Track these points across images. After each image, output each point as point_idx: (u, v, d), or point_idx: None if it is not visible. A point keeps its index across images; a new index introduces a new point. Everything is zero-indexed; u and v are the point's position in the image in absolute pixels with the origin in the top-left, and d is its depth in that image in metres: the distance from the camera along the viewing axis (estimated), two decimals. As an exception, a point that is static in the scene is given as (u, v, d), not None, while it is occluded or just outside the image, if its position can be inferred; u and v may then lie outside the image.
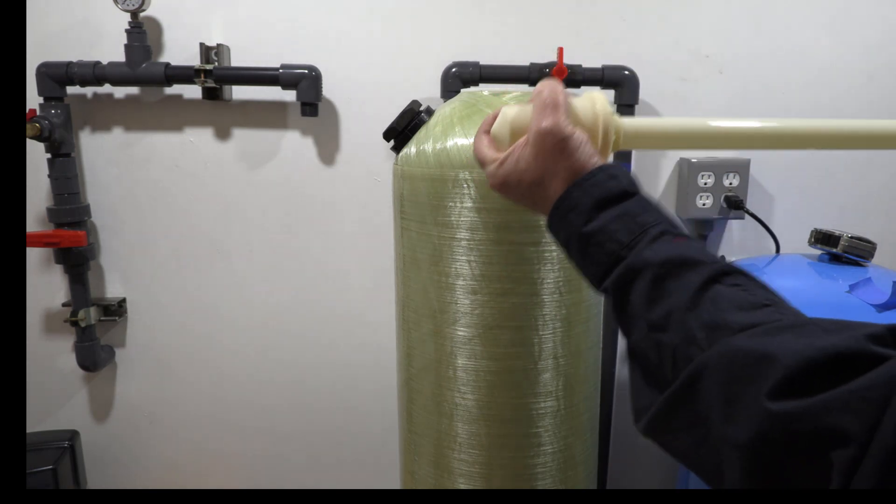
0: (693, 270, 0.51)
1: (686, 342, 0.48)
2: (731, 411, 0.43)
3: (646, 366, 0.53)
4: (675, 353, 0.49)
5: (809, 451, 0.38)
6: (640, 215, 0.56)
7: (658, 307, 0.51)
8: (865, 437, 0.35)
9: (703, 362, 0.46)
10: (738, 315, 0.47)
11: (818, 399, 0.38)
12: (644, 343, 0.52)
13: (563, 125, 0.60)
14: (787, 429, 0.39)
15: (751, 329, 0.45)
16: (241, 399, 1.67)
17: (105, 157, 1.54)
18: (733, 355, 0.44)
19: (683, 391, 0.47)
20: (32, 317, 1.62)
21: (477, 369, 0.96)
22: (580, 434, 1.04)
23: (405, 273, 1.02)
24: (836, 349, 0.40)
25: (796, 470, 0.39)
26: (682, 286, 0.51)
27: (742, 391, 0.42)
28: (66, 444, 1.58)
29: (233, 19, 1.46)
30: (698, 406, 0.46)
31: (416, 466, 1.07)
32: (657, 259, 0.52)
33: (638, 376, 0.54)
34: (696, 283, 0.50)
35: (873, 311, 1.01)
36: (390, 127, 1.01)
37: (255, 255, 1.59)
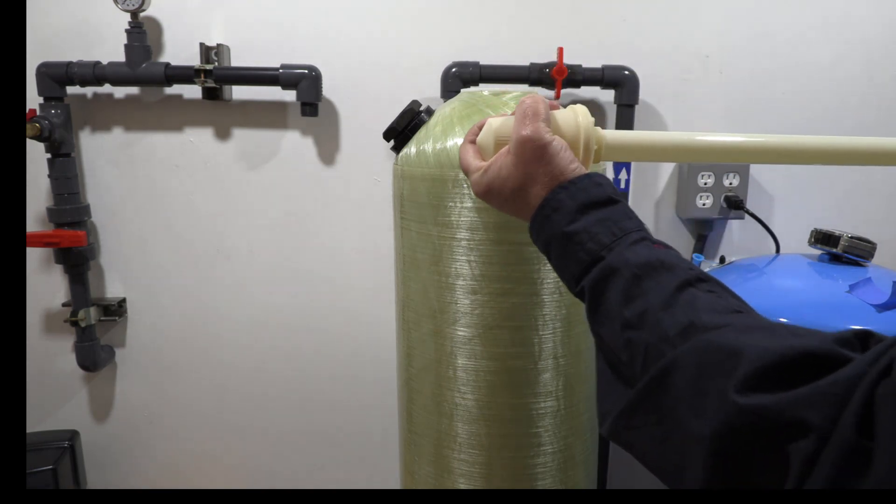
0: (670, 273, 0.53)
1: (659, 340, 0.49)
2: (698, 404, 0.44)
3: (615, 364, 0.54)
4: (646, 350, 0.50)
5: (772, 443, 0.39)
6: (622, 221, 0.58)
7: (633, 305, 0.52)
8: (826, 431, 0.36)
9: (674, 358, 0.47)
10: (711, 316, 0.49)
11: (785, 395, 0.39)
12: (616, 340, 0.53)
13: (543, 132, 0.62)
14: (752, 422, 0.40)
15: (724, 328, 0.47)
16: (241, 399, 1.67)
17: (105, 157, 1.54)
18: (704, 350, 0.46)
19: (653, 385, 0.48)
20: (32, 317, 1.62)
21: (477, 369, 0.96)
22: (580, 434, 1.04)
23: (405, 273, 1.02)
24: (805, 348, 0.41)
25: (758, 463, 0.40)
26: (659, 287, 0.52)
27: (710, 385, 0.43)
28: (66, 444, 1.58)
29: (233, 19, 1.46)
30: (666, 400, 0.47)
31: (416, 466, 1.07)
32: (636, 260, 0.54)
33: (605, 377, 0.55)
34: (673, 284, 0.52)
35: (873, 311, 1.01)
36: (390, 127, 1.01)
37: (255, 255, 1.59)
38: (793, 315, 1.05)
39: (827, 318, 1.02)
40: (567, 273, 0.61)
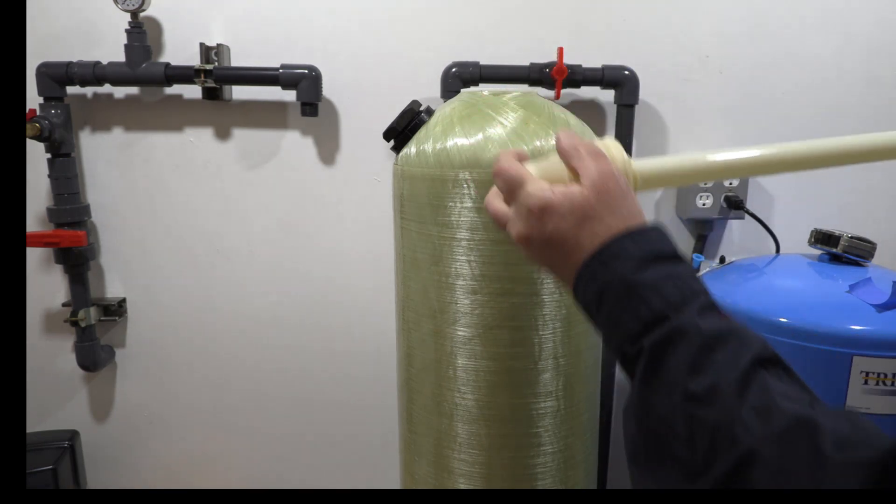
0: (744, 347, 0.48)
1: (731, 422, 0.44)
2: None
3: (665, 438, 0.47)
4: (715, 430, 0.45)
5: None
6: (691, 281, 0.52)
7: (702, 378, 0.47)
8: None
9: (753, 447, 0.42)
10: (788, 403, 0.44)
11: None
12: (675, 413, 0.47)
13: (617, 172, 0.56)
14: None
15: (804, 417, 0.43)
16: (241, 399, 1.67)
17: (105, 157, 1.54)
18: (790, 437, 0.42)
19: (730, 476, 0.43)
20: (32, 317, 1.62)
21: (477, 369, 0.96)
22: (580, 434, 1.04)
23: (405, 273, 1.02)
24: None
25: None
26: (731, 363, 0.47)
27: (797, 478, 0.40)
28: (66, 444, 1.58)
29: (233, 19, 1.46)
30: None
31: (416, 466, 1.07)
32: (708, 328, 0.48)
33: (648, 451, 0.49)
34: (746, 362, 0.47)
35: (873, 311, 1.01)
36: (390, 127, 1.01)
37: (255, 255, 1.59)
38: (793, 315, 1.05)
39: (827, 318, 1.03)
40: (621, 329, 0.52)
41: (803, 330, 1.03)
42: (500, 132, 0.91)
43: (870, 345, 0.97)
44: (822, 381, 1.03)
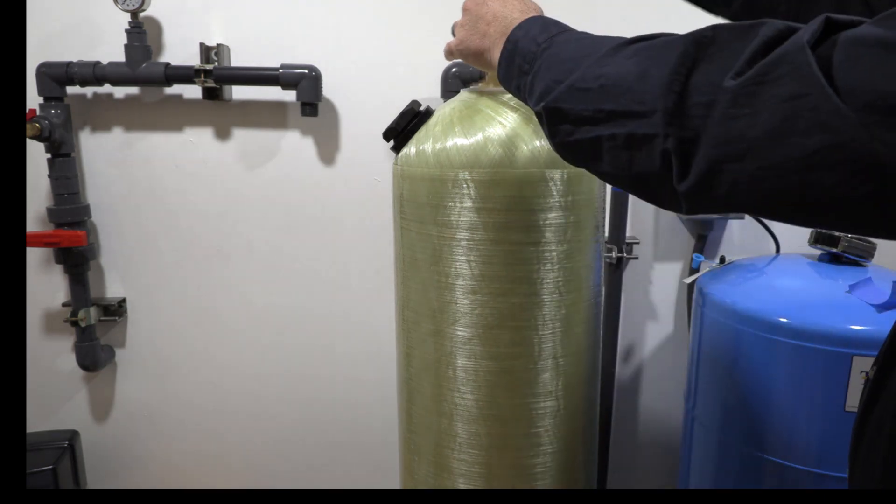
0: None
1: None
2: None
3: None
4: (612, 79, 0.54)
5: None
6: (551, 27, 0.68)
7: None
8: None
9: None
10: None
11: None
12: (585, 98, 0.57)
13: None
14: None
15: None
16: (241, 398, 1.67)
17: (105, 157, 1.54)
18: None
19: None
20: (32, 317, 1.62)
21: (476, 369, 0.96)
22: (580, 434, 1.04)
23: (405, 273, 1.02)
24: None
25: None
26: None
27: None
28: (66, 444, 1.58)
29: (233, 19, 1.47)
30: None
31: (415, 466, 1.07)
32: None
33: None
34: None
35: (873, 311, 1.01)
36: (390, 127, 1.01)
37: (255, 255, 1.59)
38: (793, 315, 1.05)
39: (827, 318, 1.03)
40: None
41: (803, 330, 1.03)
42: (500, 132, 0.91)
43: (870, 345, 0.97)
44: (821, 381, 1.03)
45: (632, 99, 0.50)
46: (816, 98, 0.38)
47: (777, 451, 1.08)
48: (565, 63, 0.58)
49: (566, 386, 0.99)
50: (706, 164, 0.44)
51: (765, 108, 0.41)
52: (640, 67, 0.50)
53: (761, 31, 0.44)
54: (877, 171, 0.37)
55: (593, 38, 0.59)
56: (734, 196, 0.45)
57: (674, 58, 0.47)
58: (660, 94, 0.47)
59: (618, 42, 0.54)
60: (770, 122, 0.40)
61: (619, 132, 0.51)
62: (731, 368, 1.15)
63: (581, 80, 0.55)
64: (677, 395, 1.53)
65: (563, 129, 0.57)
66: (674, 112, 0.46)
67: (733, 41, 0.45)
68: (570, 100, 0.56)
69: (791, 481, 1.07)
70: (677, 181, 0.47)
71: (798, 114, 0.39)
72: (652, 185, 0.51)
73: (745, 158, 0.42)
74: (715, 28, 0.47)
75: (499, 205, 0.90)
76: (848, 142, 0.37)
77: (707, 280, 1.27)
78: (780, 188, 0.42)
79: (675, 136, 0.46)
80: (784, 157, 0.40)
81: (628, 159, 0.51)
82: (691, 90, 0.46)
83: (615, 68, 0.52)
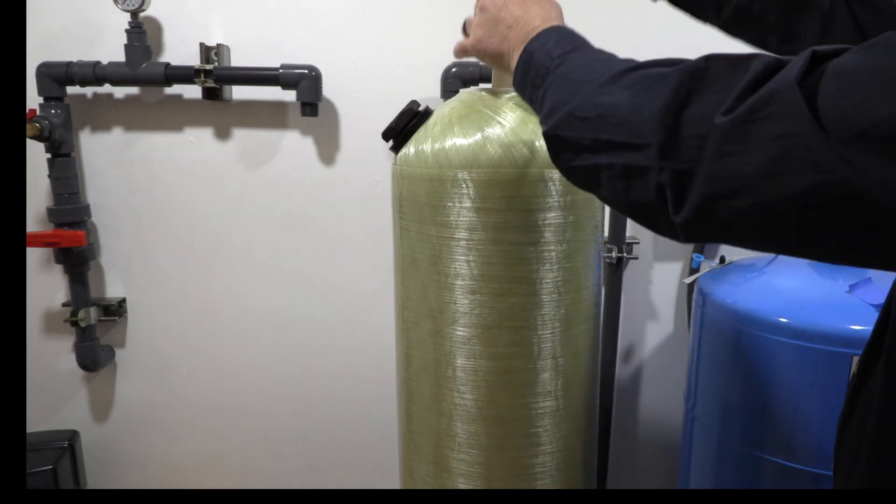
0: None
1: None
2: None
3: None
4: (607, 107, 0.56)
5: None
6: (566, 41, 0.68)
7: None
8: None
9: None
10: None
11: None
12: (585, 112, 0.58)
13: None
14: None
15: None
16: (241, 398, 1.67)
17: (105, 157, 1.54)
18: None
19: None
20: (32, 317, 1.62)
21: (476, 369, 0.96)
22: (580, 434, 1.04)
23: (404, 273, 1.02)
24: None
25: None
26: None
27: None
28: (66, 444, 1.58)
29: (233, 19, 1.47)
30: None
31: (415, 466, 1.07)
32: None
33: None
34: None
35: (873, 311, 1.01)
36: (389, 127, 1.01)
37: (255, 255, 1.59)
38: (793, 315, 1.05)
39: (827, 318, 1.02)
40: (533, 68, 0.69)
41: (803, 330, 1.03)
42: (499, 132, 0.91)
43: (869, 345, 0.97)
44: (822, 381, 1.03)
45: (628, 131, 0.50)
46: (807, 138, 0.39)
47: (777, 451, 1.08)
48: (573, 85, 0.59)
49: (566, 386, 0.99)
50: (701, 199, 0.45)
51: (757, 146, 0.41)
52: (635, 99, 0.51)
53: (752, 65, 0.44)
54: (871, 208, 0.38)
55: (602, 60, 0.59)
56: (730, 230, 0.46)
57: (668, 91, 0.48)
58: (654, 127, 0.48)
59: (622, 67, 0.55)
60: (762, 160, 0.41)
61: (617, 162, 0.52)
62: (731, 368, 1.15)
63: (580, 108, 0.56)
64: (677, 395, 1.53)
65: (564, 156, 0.59)
66: (667, 146, 0.47)
67: (726, 74, 0.46)
68: (569, 128, 0.57)
69: (791, 481, 1.06)
70: (673, 213, 0.47)
71: (790, 153, 0.40)
72: (649, 215, 0.52)
73: (739, 195, 0.43)
74: (708, 59, 0.48)
75: (498, 205, 0.90)
76: (841, 181, 0.38)
77: (707, 280, 1.27)
78: (776, 224, 0.43)
79: (669, 169, 0.47)
80: (778, 195, 0.41)
81: (625, 188, 0.52)
82: (684, 123, 0.46)
83: (612, 98, 0.53)
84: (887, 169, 0.36)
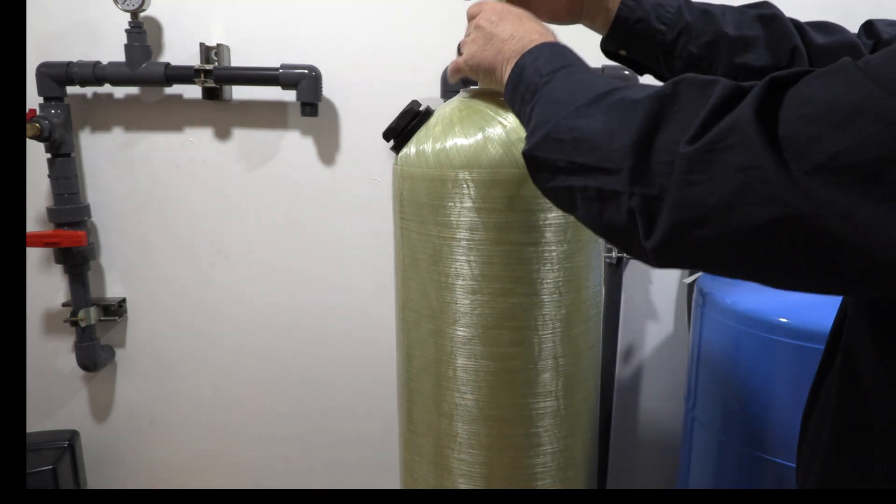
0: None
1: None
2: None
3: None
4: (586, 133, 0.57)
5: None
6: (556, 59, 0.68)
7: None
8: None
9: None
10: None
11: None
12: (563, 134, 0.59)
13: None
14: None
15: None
16: (241, 399, 1.67)
17: (105, 157, 1.54)
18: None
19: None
20: (32, 317, 1.62)
21: (477, 369, 0.96)
22: (580, 434, 1.04)
23: (405, 273, 1.02)
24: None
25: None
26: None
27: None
28: (66, 444, 1.58)
29: (233, 19, 1.47)
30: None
31: (416, 466, 1.07)
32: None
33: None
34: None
35: (873, 312, 1.01)
36: (390, 127, 1.01)
37: (255, 255, 1.59)
38: (793, 315, 1.05)
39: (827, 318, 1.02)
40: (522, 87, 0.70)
41: (803, 330, 1.03)
42: (500, 132, 0.91)
43: (870, 345, 0.97)
44: (821, 381, 1.03)
45: (600, 155, 0.51)
46: (766, 170, 0.39)
47: (777, 451, 1.08)
48: (554, 105, 0.59)
49: (566, 386, 0.99)
50: (670, 227, 0.45)
51: (719, 177, 0.42)
52: (608, 126, 0.51)
53: (715, 90, 0.45)
54: (830, 240, 0.38)
55: (585, 81, 0.60)
56: (699, 257, 0.46)
57: (639, 117, 0.48)
58: (625, 153, 0.48)
59: (601, 90, 0.55)
60: (724, 190, 0.41)
61: (591, 185, 0.52)
62: (731, 368, 1.15)
63: (556, 129, 0.56)
64: (677, 395, 1.53)
65: (541, 177, 0.60)
66: (638, 171, 0.47)
67: (693, 100, 0.46)
68: (546, 149, 0.57)
69: (791, 481, 1.06)
70: (644, 238, 0.48)
71: (750, 185, 0.40)
72: (622, 239, 0.52)
73: (704, 224, 0.43)
74: (678, 84, 0.48)
75: (499, 205, 0.90)
76: (800, 215, 0.38)
77: (707, 280, 1.27)
78: (742, 254, 0.43)
79: (639, 194, 0.47)
80: (741, 226, 0.41)
81: (599, 211, 0.52)
82: (654, 150, 0.47)
83: (587, 122, 0.53)
84: (848, 202, 0.36)
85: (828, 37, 0.78)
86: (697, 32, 0.79)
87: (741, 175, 0.40)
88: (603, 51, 0.88)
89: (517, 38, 0.72)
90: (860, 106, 0.36)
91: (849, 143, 0.36)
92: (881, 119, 0.35)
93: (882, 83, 0.36)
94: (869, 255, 0.37)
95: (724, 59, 0.78)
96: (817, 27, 0.79)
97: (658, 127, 0.47)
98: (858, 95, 0.36)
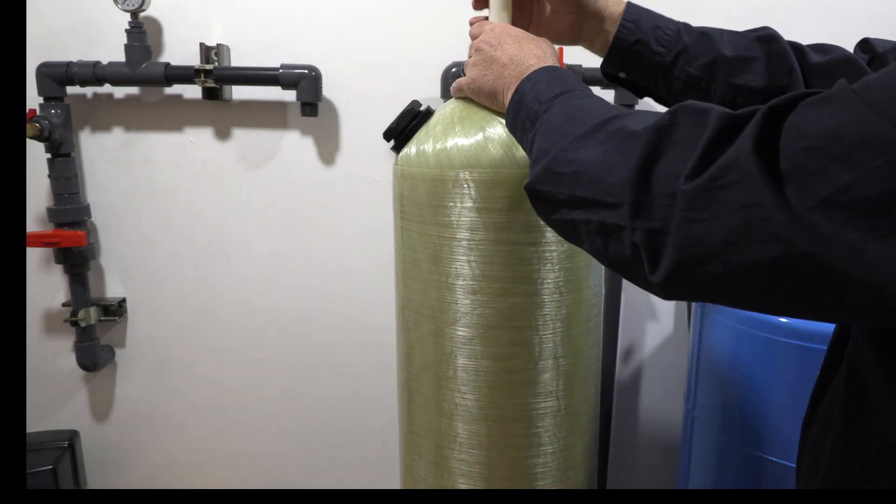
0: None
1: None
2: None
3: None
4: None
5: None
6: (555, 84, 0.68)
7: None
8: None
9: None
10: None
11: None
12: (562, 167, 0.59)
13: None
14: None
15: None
16: (241, 399, 1.67)
17: (105, 157, 1.54)
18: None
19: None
20: (32, 317, 1.62)
21: (477, 369, 0.96)
22: (580, 434, 1.04)
23: (405, 273, 1.02)
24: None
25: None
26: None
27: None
28: (66, 444, 1.58)
29: (233, 19, 1.47)
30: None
31: (416, 466, 1.07)
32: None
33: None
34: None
35: (873, 312, 1.01)
36: (390, 127, 1.01)
37: (255, 255, 1.59)
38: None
39: (827, 319, 1.02)
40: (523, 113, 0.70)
41: (804, 330, 1.03)
42: (501, 132, 0.91)
43: (870, 345, 0.97)
44: (822, 381, 1.03)
45: (600, 189, 0.50)
46: (767, 208, 0.38)
47: (777, 451, 1.08)
48: (554, 134, 0.58)
49: (566, 386, 0.99)
50: (674, 264, 0.45)
51: (720, 214, 0.41)
52: (607, 158, 0.50)
53: (710, 120, 0.44)
54: (836, 277, 0.37)
55: (585, 108, 0.59)
56: (705, 292, 0.46)
57: (638, 149, 0.47)
58: (625, 186, 0.47)
59: (600, 119, 0.54)
60: (726, 228, 0.41)
61: (593, 219, 0.52)
62: (731, 368, 1.15)
63: (556, 162, 0.56)
64: (677, 395, 1.53)
65: (544, 210, 0.60)
66: (639, 204, 0.47)
67: (691, 130, 0.45)
68: (547, 182, 0.57)
69: (791, 481, 1.06)
70: (649, 273, 0.47)
71: (752, 223, 0.39)
72: (629, 272, 0.52)
73: (709, 262, 0.43)
74: (676, 114, 0.47)
75: (499, 205, 0.90)
76: (804, 254, 0.37)
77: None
78: (747, 290, 0.43)
79: (641, 228, 0.47)
80: (744, 264, 0.41)
81: (604, 245, 0.52)
82: (654, 182, 0.46)
83: (586, 154, 0.53)
84: (855, 238, 0.35)
85: (825, 55, 0.77)
86: (696, 54, 0.79)
87: (743, 213, 0.40)
88: (602, 73, 0.87)
89: (516, 63, 0.72)
90: (863, 137, 0.35)
91: (854, 177, 0.35)
92: (885, 152, 0.34)
93: (883, 112, 0.35)
94: (878, 293, 0.36)
95: (723, 80, 0.78)
96: (814, 48, 0.79)
97: (657, 159, 0.46)
98: (860, 126, 0.35)
